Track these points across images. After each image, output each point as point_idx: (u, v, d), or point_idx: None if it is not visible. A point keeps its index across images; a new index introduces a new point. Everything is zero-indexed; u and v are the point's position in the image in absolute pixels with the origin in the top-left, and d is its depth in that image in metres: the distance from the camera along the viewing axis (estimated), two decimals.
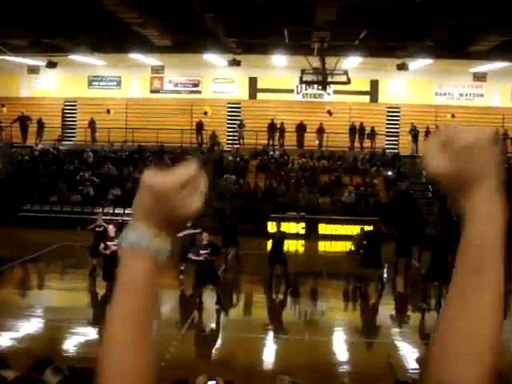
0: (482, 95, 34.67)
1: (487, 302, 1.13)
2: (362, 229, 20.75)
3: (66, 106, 36.25)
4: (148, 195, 1.23)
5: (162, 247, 1.24)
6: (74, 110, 36.34)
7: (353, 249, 19.90)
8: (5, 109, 34.66)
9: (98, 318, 14.94)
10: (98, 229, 18.43)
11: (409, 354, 12.82)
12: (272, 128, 33.30)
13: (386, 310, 16.79)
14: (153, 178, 1.24)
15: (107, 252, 15.68)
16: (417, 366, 12.09)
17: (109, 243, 16.02)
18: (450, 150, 1.15)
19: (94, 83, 36.29)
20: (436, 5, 17.26)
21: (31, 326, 13.92)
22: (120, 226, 18.16)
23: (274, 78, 34.40)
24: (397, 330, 14.78)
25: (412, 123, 33.17)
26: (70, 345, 12.80)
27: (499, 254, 1.15)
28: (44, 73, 34.47)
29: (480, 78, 33.55)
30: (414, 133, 32.91)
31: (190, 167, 1.24)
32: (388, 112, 35.09)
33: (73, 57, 28.26)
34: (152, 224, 1.24)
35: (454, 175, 1.16)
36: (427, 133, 32.81)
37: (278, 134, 33.50)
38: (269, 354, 12.84)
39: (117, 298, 1.22)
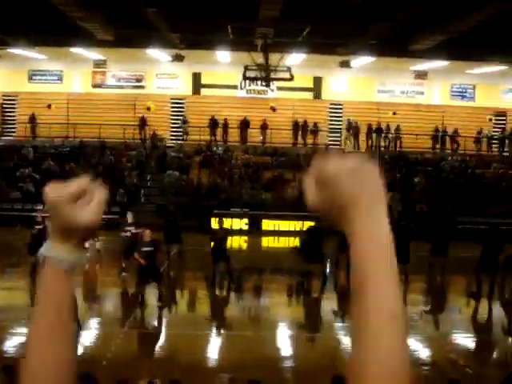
0: (422, 93, 35.34)
1: (378, 320, 1.10)
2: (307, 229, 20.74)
3: (5, 100, 35.45)
4: (47, 208, 1.30)
5: (66, 257, 1.30)
6: (14, 104, 35.57)
7: (298, 246, 20.00)
8: None
9: None
10: (37, 226, 18.07)
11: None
12: (214, 124, 33.26)
13: (329, 304, 16.96)
14: (47, 191, 1.28)
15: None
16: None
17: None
18: (320, 181, 1.17)
19: (34, 77, 35.56)
20: (378, 3, 17.51)
21: None
22: None
23: (217, 73, 34.34)
24: (339, 324, 14.94)
25: (348, 120, 33.64)
26: (10, 345, 12.54)
27: (385, 269, 1.15)
28: None
29: (421, 75, 34.18)
30: (354, 129, 33.37)
31: (82, 180, 1.29)
32: (331, 108, 35.42)
33: (13, 50, 27.66)
34: (55, 236, 1.32)
35: (329, 204, 1.18)
36: (369, 130, 33.33)
37: (221, 130, 33.47)
38: (213, 351, 12.83)
39: (36, 303, 1.31)
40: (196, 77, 35.23)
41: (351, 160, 1.17)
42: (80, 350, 12.82)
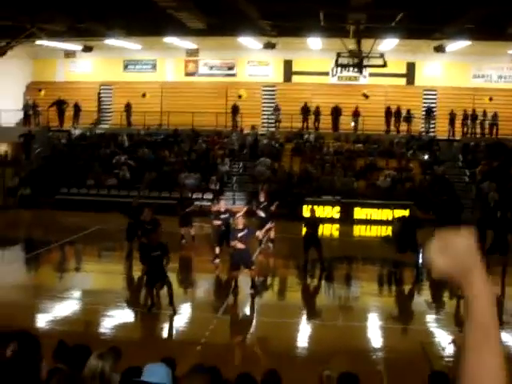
0: None
1: (495, 361, 1.51)
2: (396, 218, 20.36)
3: (102, 89, 36.50)
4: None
5: None
6: (110, 93, 36.57)
7: (390, 235, 19.68)
8: (42, 93, 35.08)
9: (133, 301, 15.12)
10: (132, 212, 18.53)
11: (444, 342, 12.71)
12: (306, 111, 33.12)
13: (422, 296, 16.65)
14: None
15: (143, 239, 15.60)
16: (451, 354, 12.00)
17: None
18: (447, 253, 1.56)
19: (129, 67, 36.47)
20: None
21: (67, 308, 14.10)
22: (155, 210, 18.29)
23: (309, 60, 34.17)
24: (432, 316, 14.64)
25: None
26: (106, 328, 12.94)
27: (498, 325, 1.55)
28: (80, 57, 34.80)
29: None
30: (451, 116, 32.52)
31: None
32: (425, 95, 34.62)
33: (108, 41, 28.40)
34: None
35: (453, 269, 1.57)
36: (465, 116, 32.37)
37: (312, 117, 33.31)
38: (303, 340, 12.84)
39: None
40: (287, 64, 35.18)
41: (467, 236, 1.59)
42: (174, 335, 13.12)
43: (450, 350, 12.10)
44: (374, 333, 13.23)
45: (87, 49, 30.76)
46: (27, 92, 36.39)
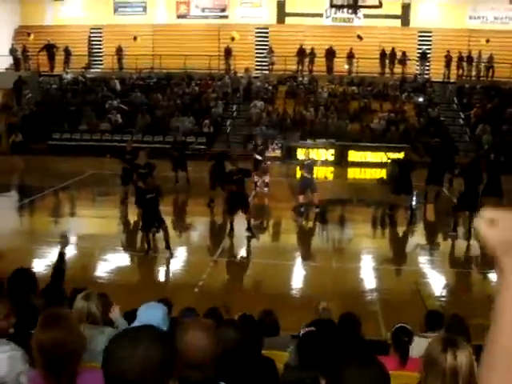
0: None
1: None
2: (390, 160, 20.22)
3: (92, 33, 35.95)
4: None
5: None
6: (100, 37, 36.05)
7: (384, 178, 19.69)
8: (31, 37, 34.51)
9: (130, 245, 15.19)
10: (127, 156, 18.44)
11: (437, 282, 12.87)
12: (301, 53, 32.78)
13: (416, 237, 16.79)
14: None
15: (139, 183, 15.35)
16: (445, 294, 12.16)
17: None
18: (496, 227, 1.59)
19: (119, 9, 35.87)
20: None
21: None
22: (149, 154, 18.21)
23: (302, 1, 33.65)
24: (426, 257, 14.78)
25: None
26: (103, 271, 13.02)
27: None
28: (68, 0, 34.11)
29: None
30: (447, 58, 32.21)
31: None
32: (420, 37, 34.23)
33: None
34: None
35: (499, 244, 1.58)
36: (460, 58, 32.07)
37: (307, 60, 32.98)
38: (297, 281, 12.97)
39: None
40: (280, 5, 34.66)
41: None
42: (171, 278, 13.23)
43: (443, 290, 12.28)
44: (369, 274, 13.35)
45: None
46: (16, 36, 35.82)
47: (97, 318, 5.14)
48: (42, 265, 11.97)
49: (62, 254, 6.81)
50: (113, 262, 13.66)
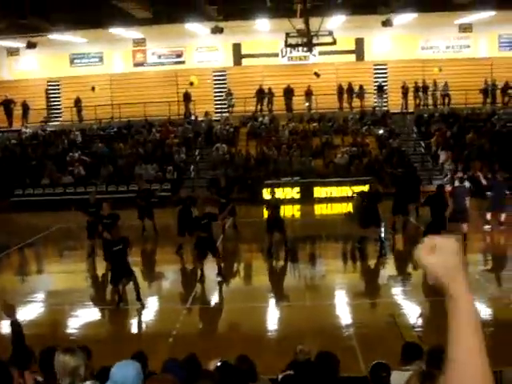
0: (468, 46, 34.37)
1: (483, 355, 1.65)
2: (356, 193, 20.30)
3: (49, 86, 35.83)
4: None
5: None
6: (58, 89, 35.94)
7: (352, 211, 19.75)
8: None
9: (99, 299, 14.90)
10: (91, 209, 18.22)
11: (413, 312, 12.82)
12: (260, 94, 33.04)
13: (387, 269, 16.77)
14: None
15: (104, 234, 15.18)
16: (421, 324, 12.10)
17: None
18: (436, 254, 1.68)
19: (76, 61, 35.82)
20: None
21: (33, 311, 13.82)
22: (113, 204, 18.03)
23: (258, 42, 34.05)
24: (399, 288, 14.77)
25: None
26: (74, 327, 12.73)
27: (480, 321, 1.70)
28: (24, 54, 34.09)
29: (466, 29, 33.23)
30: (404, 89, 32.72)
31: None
32: (375, 69, 34.79)
33: (52, 36, 27.83)
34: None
35: (441, 269, 1.68)
36: (416, 88, 32.61)
37: (266, 100, 33.24)
38: (272, 323, 12.82)
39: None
40: (236, 47, 34.96)
41: (455, 239, 1.70)
42: (144, 329, 12.98)
43: (419, 320, 12.22)
44: (343, 310, 13.28)
45: (31, 45, 30.02)
46: None
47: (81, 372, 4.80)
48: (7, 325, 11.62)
49: (13, 323, 6.48)
50: (83, 318, 13.37)
